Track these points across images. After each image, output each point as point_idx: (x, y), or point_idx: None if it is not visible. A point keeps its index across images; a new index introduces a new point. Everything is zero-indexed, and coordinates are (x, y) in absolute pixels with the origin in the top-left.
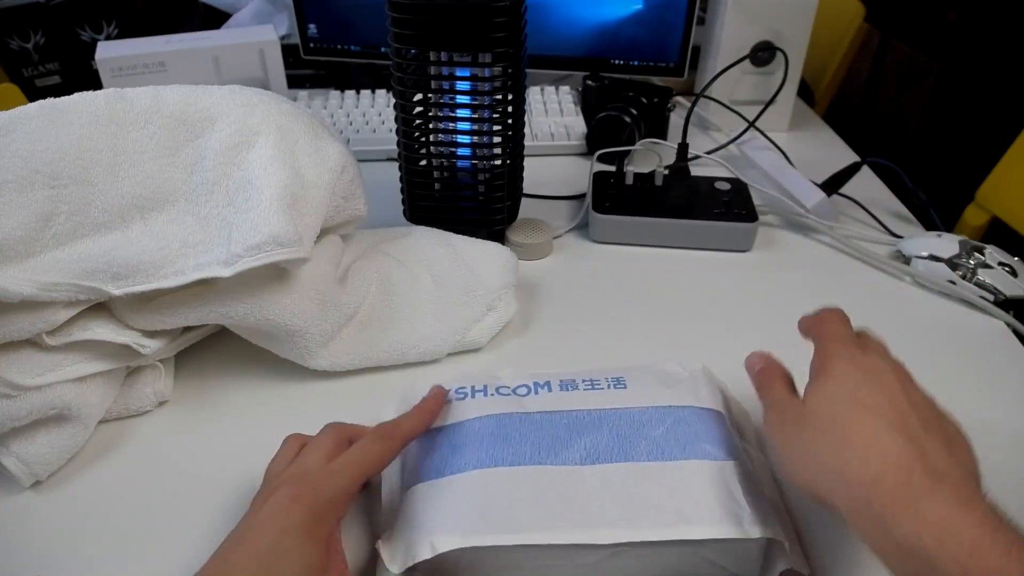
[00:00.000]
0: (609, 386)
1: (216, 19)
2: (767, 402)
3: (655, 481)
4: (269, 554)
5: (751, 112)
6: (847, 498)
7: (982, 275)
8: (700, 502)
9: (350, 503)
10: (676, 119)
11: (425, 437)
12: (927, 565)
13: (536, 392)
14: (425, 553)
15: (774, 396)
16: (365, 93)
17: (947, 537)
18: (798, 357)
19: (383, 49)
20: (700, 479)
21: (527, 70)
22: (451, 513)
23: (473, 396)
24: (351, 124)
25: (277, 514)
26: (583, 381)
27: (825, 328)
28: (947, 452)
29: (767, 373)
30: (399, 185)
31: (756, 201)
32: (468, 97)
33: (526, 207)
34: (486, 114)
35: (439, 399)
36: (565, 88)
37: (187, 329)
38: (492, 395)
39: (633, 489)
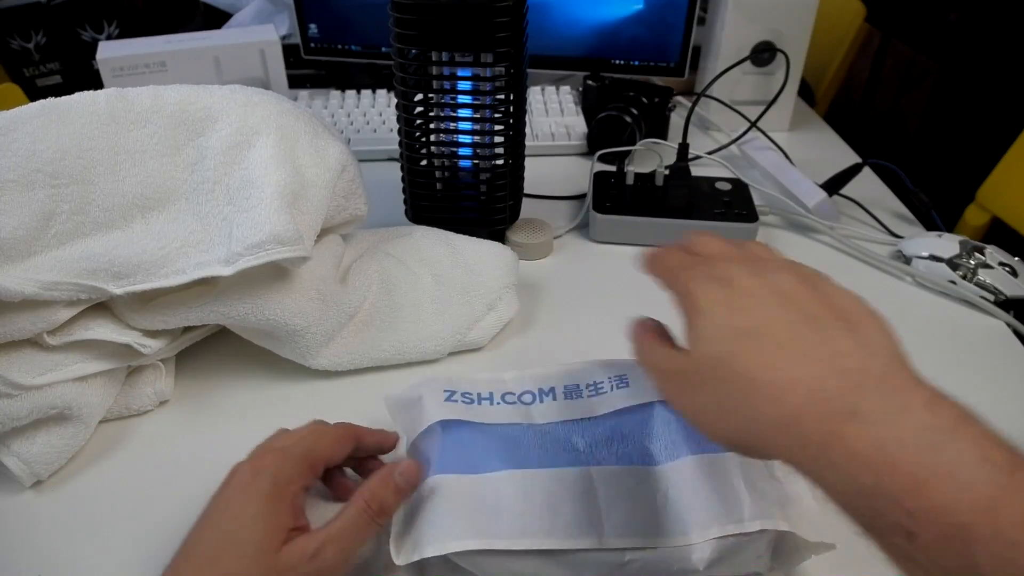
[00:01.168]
0: (612, 387)
1: (217, 19)
2: (648, 367)
3: (656, 485)
4: (234, 521)
5: (751, 112)
6: (782, 447)
7: (982, 275)
8: (699, 503)
9: (316, 476)
10: (677, 119)
11: (437, 435)
12: (885, 498)
13: (541, 400)
14: (432, 551)
15: (653, 359)
16: (366, 93)
17: (896, 452)
18: None
19: (384, 49)
20: (700, 476)
21: (528, 70)
22: (461, 515)
23: (479, 403)
24: (352, 124)
25: (241, 487)
26: (587, 387)
27: (664, 264)
28: (855, 344)
29: (637, 334)
30: (400, 185)
31: (757, 201)
32: (470, 97)
33: (527, 207)
34: (488, 114)
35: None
36: (566, 88)
37: (188, 329)
38: (499, 403)
39: (637, 494)
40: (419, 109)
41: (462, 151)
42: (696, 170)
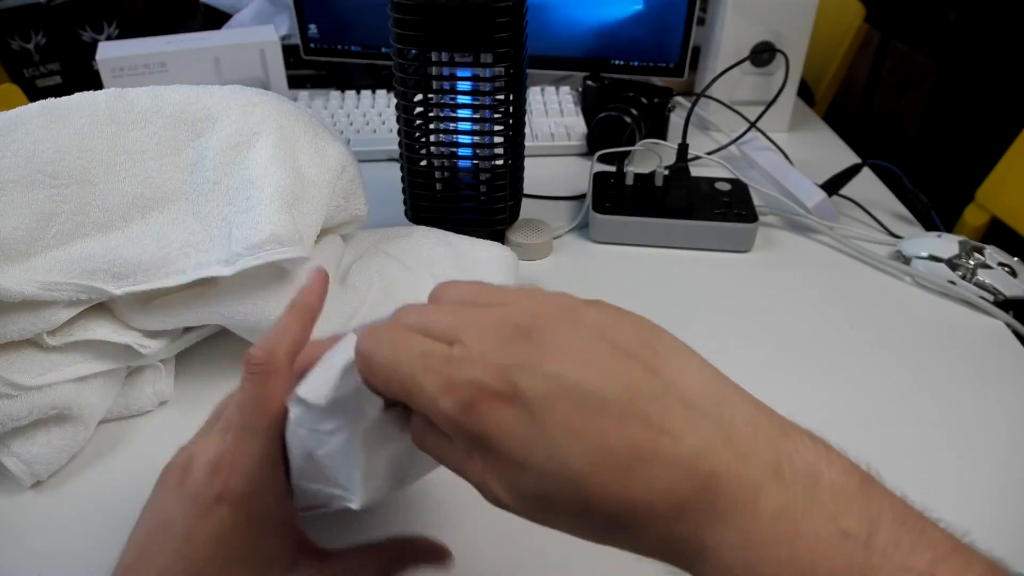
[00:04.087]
0: None
1: (217, 19)
2: (450, 411)
3: None
4: (208, 565)
5: (751, 112)
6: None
7: (982, 275)
8: None
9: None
10: (676, 119)
11: None
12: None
13: None
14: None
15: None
16: (365, 93)
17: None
18: (803, 363)
19: (384, 49)
20: None
21: (528, 70)
22: None
23: None
24: (351, 124)
25: (202, 512)
26: None
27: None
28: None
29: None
30: (400, 185)
31: (756, 201)
32: (469, 97)
33: (526, 207)
34: (487, 114)
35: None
36: (565, 88)
37: (188, 329)
38: None
39: None
40: (419, 109)
41: (462, 151)
42: (696, 170)
